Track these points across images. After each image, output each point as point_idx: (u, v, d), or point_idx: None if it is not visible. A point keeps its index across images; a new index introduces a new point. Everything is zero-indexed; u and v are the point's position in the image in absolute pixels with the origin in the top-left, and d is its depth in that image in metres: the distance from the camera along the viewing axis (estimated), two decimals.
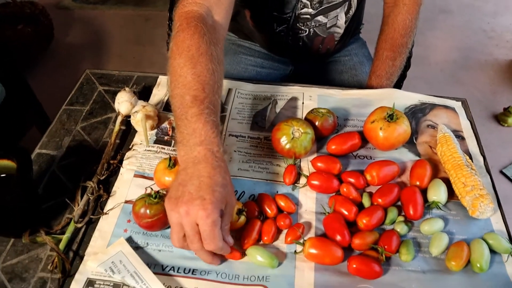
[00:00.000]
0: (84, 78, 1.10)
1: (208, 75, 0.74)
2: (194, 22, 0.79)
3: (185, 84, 0.73)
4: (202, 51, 0.76)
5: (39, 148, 0.93)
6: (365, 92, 1.03)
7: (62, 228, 0.78)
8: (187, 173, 0.67)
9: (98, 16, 3.00)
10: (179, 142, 0.71)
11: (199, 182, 0.65)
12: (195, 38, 0.77)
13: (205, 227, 0.64)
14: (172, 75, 0.76)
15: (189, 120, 0.70)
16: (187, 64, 0.75)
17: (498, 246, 0.75)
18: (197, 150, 0.68)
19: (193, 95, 0.72)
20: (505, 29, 2.89)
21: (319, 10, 1.12)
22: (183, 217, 0.64)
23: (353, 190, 0.81)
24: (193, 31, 0.78)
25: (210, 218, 0.63)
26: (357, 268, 0.71)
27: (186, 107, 0.71)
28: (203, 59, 0.75)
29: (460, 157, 0.85)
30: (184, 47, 0.76)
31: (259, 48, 1.30)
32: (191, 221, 0.64)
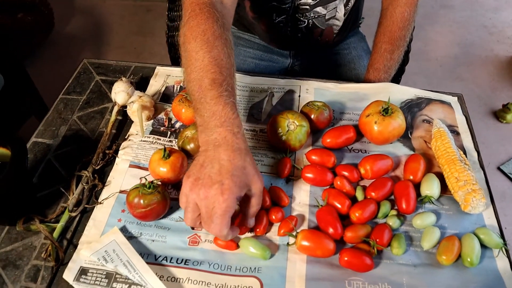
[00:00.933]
0: (82, 67, 1.10)
1: (225, 58, 0.76)
2: (207, 8, 0.80)
3: (202, 67, 0.74)
4: (217, 35, 0.77)
5: (35, 137, 0.93)
6: (362, 86, 1.03)
7: (57, 217, 0.79)
8: (208, 155, 0.68)
9: (98, 6, 2.99)
10: (200, 125, 0.72)
11: (219, 166, 0.66)
12: (210, 23, 0.78)
13: (219, 211, 0.65)
14: (188, 60, 0.77)
15: (209, 103, 0.71)
16: (203, 48, 0.75)
17: (489, 241, 0.76)
18: (217, 131, 0.69)
19: (212, 78, 0.72)
20: (506, 25, 2.87)
21: (318, 1, 1.12)
22: (201, 199, 0.66)
23: (346, 183, 0.81)
24: (206, 16, 0.79)
25: (226, 203, 0.65)
26: (348, 260, 0.71)
27: (205, 90, 0.72)
28: (218, 43, 0.76)
29: (454, 152, 0.85)
30: (199, 32, 0.77)
31: (258, 40, 1.30)
32: (208, 204, 0.66)
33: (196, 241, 0.75)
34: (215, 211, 0.65)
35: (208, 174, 0.66)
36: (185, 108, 0.89)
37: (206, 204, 0.66)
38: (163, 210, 0.77)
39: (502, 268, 0.74)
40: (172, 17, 1.35)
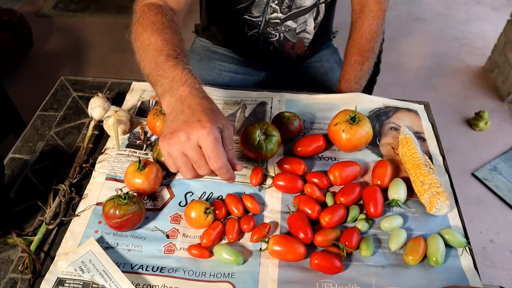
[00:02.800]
0: (59, 84, 1.12)
1: (176, 40, 0.81)
2: (155, 7, 0.88)
3: (156, 48, 0.79)
4: (166, 25, 0.84)
5: (12, 153, 0.94)
6: (331, 96, 1.08)
7: (34, 230, 0.80)
8: (177, 109, 0.70)
9: (78, 24, 3.02)
10: (162, 93, 0.75)
11: (190, 110, 0.69)
12: (159, 16, 0.85)
13: (208, 144, 0.66)
14: (141, 48, 0.82)
15: (167, 71, 0.75)
16: (154, 34, 0.81)
17: (454, 241, 0.79)
18: (181, 89, 0.72)
19: (166, 54, 0.77)
20: (476, 36, 2.98)
21: (288, 15, 1.17)
22: (184, 143, 0.67)
23: (316, 189, 0.84)
24: (155, 12, 0.87)
25: (211, 134, 0.66)
26: (318, 263, 0.74)
27: (161, 64, 0.76)
28: (168, 30, 0.83)
29: (419, 157, 0.89)
30: (149, 23, 0.84)
31: (233, 54, 1.34)
32: (194, 144, 0.67)
33: (172, 249, 0.77)
34: (206, 147, 0.67)
35: (182, 120, 0.68)
36: (160, 122, 0.92)
37: (192, 145, 0.67)
38: (139, 220, 0.79)
39: (466, 266, 0.77)
40: None
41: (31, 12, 3.06)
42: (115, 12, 3.09)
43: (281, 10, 1.15)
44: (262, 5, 1.14)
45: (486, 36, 2.95)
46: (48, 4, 3.15)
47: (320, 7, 1.20)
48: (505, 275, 1.74)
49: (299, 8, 1.16)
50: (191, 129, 0.67)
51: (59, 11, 3.10)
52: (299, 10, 1.17)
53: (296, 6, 1.15)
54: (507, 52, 2.47)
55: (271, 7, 1.14)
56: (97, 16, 3.07)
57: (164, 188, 0.87)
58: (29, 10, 3.08)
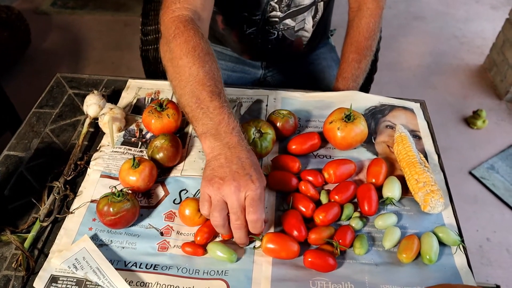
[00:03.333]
0: (55, 81, 1.12)
1: (217, 72, 0.81)
2: (190, 25, 0.85)
3: (198, 81, 0.78)
4: (206, 51, 0.82)
5: (7, 150, 0.94)
6: (327, 94, 1.08)
7: (28, 227, 0.80)
8: (226, 156, 0.73)
9: (76, 21, 3.01)
10: (205, 133, 0.76)
11: (241, 162, 0.72)
12: (197, 39, 0.83)
13: (255, 197, 0.70)
14: (181, 75, 0.80)
15: (212, 112, 0.76)
16: (196, 63, 0.79)
17: (447, 239, 0.79)
18: (228, 137, 0.74)
19: (210, 91, 0.77)
20: (476, 35, 2.98)
21: (287, 13, 1.17)
22: (233, 193, 0.70)
23: (311, 187, 0.84)
24: (193, 32, 0.84)
25: (259, 190, 0.70)
26: (312, 261, 0.74)
27: (205, 101, 0.77)
28: (208, 58, 0.82)
29: (414, 155, 0.89)
30: (189, 48, 0.81)
31: (230, 52, 1.34)
32: (241, 197, 0.70)
33: (165, 247, 0.78)
34: (251, 199, 0.70)
35: (233, 170, 0.71)
36: (155, 119, 0.92)
37: (239, 197, 0.70)
38: (133, 218, 0.79)
39: (459, 264, 0.77)
40: (146, 31, 1.38)
41: (29, 9, 3.06)
42: (113, 10, 3.08)
43: (280, 8, 1.15)
44: (262, 4, 1.14)
45: (485, 35, 2.95)
46: (47, 1, 3.15)
47: (319, 5, 1.20)
48: (501, 274, 1.74)
49: (298, 6, 1.16)
50: (242, 182, 0.70)
51: (57, 8, 3.09)
52: (298, 8, 1.17)
53: (295, 4, 1.15)
54: (506, 51, 2.47)
55: (271, 5, 1.14)
56: (95, 14, 3.07)
57: (159, 186, 0.87)
58: (27, 7, 3.07)
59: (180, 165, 0.91)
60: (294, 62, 1.36)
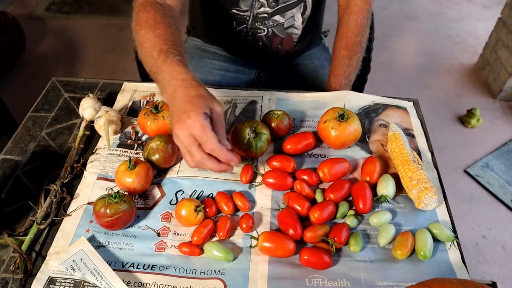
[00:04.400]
0: (50, 85, 1.12)
1: (167, 34, 0.87)
2: (149, 4, 0.94)
3: (150, 45, 0.86)
4: (158, 20, 0.90)
5: (3, 154, 0.95)
6: (321, 94, 1.09)
7: (25, 230, 0.81)
8: (171, 104, 0.78)
9: (71, 26, 3.01)
10: (161, 89, 0.82)
11: (179, 103, 0.75)
12: (151, 12, 0.91)
13: (196, 131, 0.72)
14: (139, 46, 0.90)
15: (160, 68, 0.81)
16: (148, 32, 0.88)
17: (442, 235, 0.80)
18: (172, 84, 0.78)
19: (159, 50, 0.83)
20: (469, 34, 3.00)
21: (276, 9, 1.18)
22: (179, 136, 0.74)
23: (306, 186, 0.85)
24: (148, 9, 0.93)
25: (197, 122, 0.72)
26: (308, 259, 0.75)
27: (155, 60, 0.83)
28: (160, 25, 0.89)
29: (407, 153, 0.90)
30: (143, 21, 0.90)
31: (224, 52, 1.35)
32: (186, 134, 0.73)
33: (162, 247, 0.78)
34: (196, 135, 0.73)
35: (174, 115, 0.75)
36: (150, 121, 0.92)
37: (184, 135, 0.73)
38: (130, 219, 0.79)
39: (453, 260, 0.78)
40: None
41: (24, 14, 3.06)
42: (108, 14, 3.09)
43: (268, 4, 1.16)
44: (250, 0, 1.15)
45: (478, 34, 2.97)
46: (41, 6, 3.15)
47: (307, 2, 1.21)
48: (497, 271, 1.75)
49: (286, 2, 1.17)
50: (180, 122, 0.73)
51: (52, 13, 3.09)
52: (286, 4, 1.18)
53: (283, 0, 1.17)
54: (498, 50, 2.49)
55: (259, 2, 1.16)
56: (90, 18, 3.07)
57: (155, 187, 0.88)
58: (22, 13, 3.07)
59: (176, 166, 0.91)
60: (286, 62, 1.36)
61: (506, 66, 2.41)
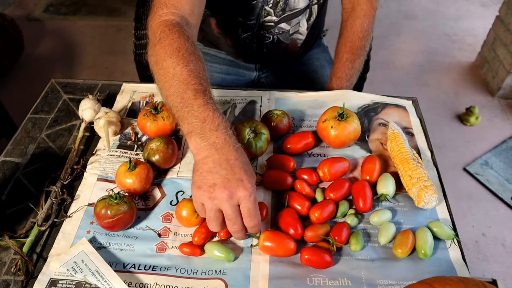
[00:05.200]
0: (49, 87, 1.12)
1: (201, 71, 0.80)
2: (176, 28, 0.85)
3: (182, 80, 0.77)
4: (190, 52, 0.81)
5: (3, 156, 0.95)
6: (320, 94, 1.09)
7: (26, 232, 0.81)
8: (214, 159, 0.70)
9: (69, 27, 3.01)
10: (190, 132, 0.74)
11: (230, 165, 0.69)
12: (182, 41, 0.82)
13: (249, 205, 0.69)
14: (165, 76, 0.80)
15: (196, 110, 0.74)
16: (180, 64, 0.79)
17: (442, 233, 0.81)
18: (214, 135, 0.72)
19: (194, 89, 0.76)
20: (466, 33, 3.00)
21: (282, 17, 1.18)
22: (225, 201, 0.69)
23: (306, 186, 0.85)
24: (177, 35, 0.83)
25: (252, 196, 0.70)
26: (309, 258, 0.75)
27: (189, 100, 0.75)
28: (193, 58, 0.81)
29: (407, 152, 0.90)
30: (173, 49, 0.81)
31: (224, 55, 1.35)
32: (234, 204, 0.69)
33: (163, 248, 0.78)
34: (247, 208, 0.70)
35: (222, 177, 0.69)
36: (150, 122, 0.92)
37: (232, 204, 0.69)
38: (130, 220, 0.79)
39: (454, 258, 0.78)
40: (139, 35, 1.38)
41: (22, 16, 3.06)
42: (106, 15, 3.08)
43: (275, 13, 1.16)
44: (257, 9, 1.15)
45: (476, 32, 2.98)
46: (39, 7, 3.15)
47: (313, 8, 1.21)
48: (497, 268, 1.76)
49: (292, 10, 1.17)
50: (234, 189, 0.68)
51: (50, 14, 3.09)
52: (293, 12, 1.18)
53: (289, 8, 1.16)
54: (497, 48, 2.50)
55: (266, 10, 1.15)
56: (88, 19, 3.07)
57: (155, 188, 0.88)
58: (20, 14, 3.07)
59: (176, 167, 0.92)
60: (287, 63, 1.37)
61: (504, 64, 2.41)
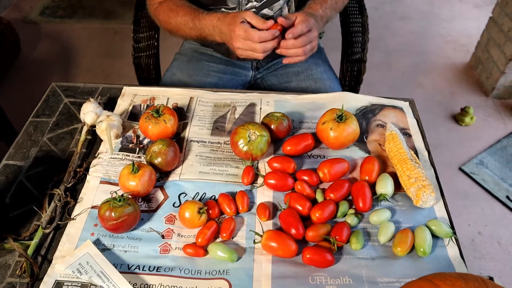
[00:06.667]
0: (50, 91, 1.13)
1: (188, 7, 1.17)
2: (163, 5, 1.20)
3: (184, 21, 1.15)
4: (176, 4, 1.18)
5: (6, 160, 0.96)
6: (319, 96, 1.10)
7: (30, 235, 0.82)
8: (224, 38, 1.08)
9: (65, 30, 3.01)
10: (211, 36, 1.13)
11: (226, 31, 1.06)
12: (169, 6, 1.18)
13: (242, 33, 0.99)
14: (178, 27, 1.18)
15: (201, 26, 1.12)
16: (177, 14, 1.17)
17: (440, 231, 0.82)
18: (215, 27, 1.09)
19: (191, 18, 1.14)
20: (460, 33, 3.03)
21: (263, 2, 1.19)
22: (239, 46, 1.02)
23: (306, 187, 0.87)
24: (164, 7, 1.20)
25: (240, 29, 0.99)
26: (310, 258, 0.76)
27: (195, 25, 1.14)
28: (180, 8, 1.17)
29: (405, 152, 0.92)
30: (168, 14, 1.18)
31: (220, 55, 1.36)
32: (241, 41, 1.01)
33: (167, 249, 0.79)
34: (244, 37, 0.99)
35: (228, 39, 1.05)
36: (152, 125, 0.94)
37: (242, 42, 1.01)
38: (134, 222, 0.81)
39: (452, 255, 0.80)
40: (138, 38, 1.39)
41: (18, 18, 3.05)
42: (102, 18, 3.08)
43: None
44: None
45: (470, 33, 3.00)
46: (35, 10, 3.14)
47: None
48: (494, 266, 1.78)
49: None
50: (234, 38, 1.02)
51: (46, 17, 3.08)
52: None
53: None
54: (490, 49, 2.52)
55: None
56: (84, 22, 3.07)
57: (158, 190, 0.89)
58: (16, 17, 3.06)
59: (178, 169, 0.93)
60: (280, 62, 1.37)
61: (498, 64, 2.44)
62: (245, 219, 0.85)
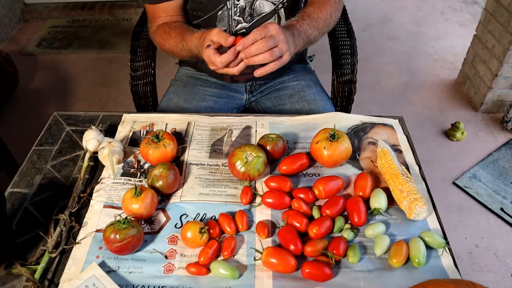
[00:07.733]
0: (52, 120, 1.17)
1: (179, 28, 1.22)
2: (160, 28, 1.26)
3: (175, 43, 1.20)
4: (170, 29, 1.23)
5: (11, 187, 0.98)
6: (312, 117, 1.15)
7: (37, 260, 0.84)
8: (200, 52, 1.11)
9: (62, 61, 3.07)
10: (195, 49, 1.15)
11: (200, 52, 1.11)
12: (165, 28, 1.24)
13: (207, 59, 1.04)
14: (174, 49, 1.22)
15: (189, 47, 1.15)
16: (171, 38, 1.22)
17: (434, 242, 0.86)
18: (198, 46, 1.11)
19: (180, 40, 1.18)
20: (447, 51, 3.12)
21: (252, 23, 1.25)
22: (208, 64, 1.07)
23: (303, 204, 0.90)
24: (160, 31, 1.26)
25: (205, 54, 1.03)
26: (310, 272, 0.79)
27: (184, 46, 1.17)
28: (173, 31, 1.22)
29: (396, 167, 0.96)
30: (163, 38, 1.24)
31: (214, 80, 1.41)
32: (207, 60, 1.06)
33: (171, 269, 0.82)
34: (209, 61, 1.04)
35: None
36: (152, 150, 0.97)
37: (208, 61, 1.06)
38: (138, 243, 0.83)
39: (446, 265, 0.83)
40: (135, 67, 1.44)
41: (15, 51, 3.11)
42: (98, 48, 3.15)
43: (244, 19, 1.23)
44: (225, 19, 1.23)
45: (456, 51, 3.09)
46: (32, 42, 3.21)
47: (280, 12, 1.26)
48: (492, 278, 1.80)
49: (260, 15, 1.24)
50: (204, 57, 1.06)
51: (43, 49, 3.15)
52: (261, 17, 1.24)
53: (257, 13, 1.23)
54: (476, 65, 2.60)
55: (235, 20, 1.23)
56: (80, 52, 3.13)
57: (160, 212, 0.92)
58: (13, 49, 3.13)
59: (179, 192, 0.96)
60: (274, 85, 1.42)
61: (485, 80, 2.51)
62: (245, 237, 0.88)
